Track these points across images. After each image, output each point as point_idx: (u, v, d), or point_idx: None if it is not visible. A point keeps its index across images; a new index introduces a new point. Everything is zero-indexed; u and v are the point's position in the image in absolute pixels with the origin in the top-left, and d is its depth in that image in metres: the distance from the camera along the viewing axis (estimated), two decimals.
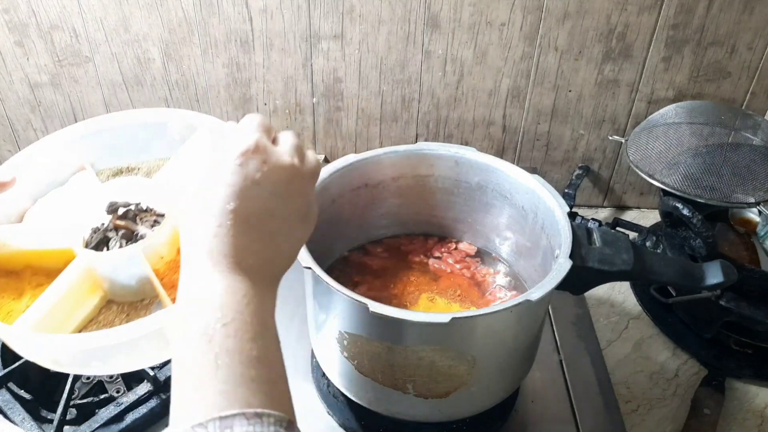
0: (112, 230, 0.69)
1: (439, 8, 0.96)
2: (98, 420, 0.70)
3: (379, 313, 0.55)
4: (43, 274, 0.62)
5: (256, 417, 0.36)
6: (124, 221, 0.70)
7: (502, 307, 0.57)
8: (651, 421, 0.80)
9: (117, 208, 0.73)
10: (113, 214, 0.72)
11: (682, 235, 0.86)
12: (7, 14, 0.98)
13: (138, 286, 0.68)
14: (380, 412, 0.68)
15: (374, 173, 0.77)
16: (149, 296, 0.70)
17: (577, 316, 0.88)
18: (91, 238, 0.64)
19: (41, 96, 1.08)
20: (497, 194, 0.77)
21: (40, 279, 0.62)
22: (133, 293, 0.69)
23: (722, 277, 0.64)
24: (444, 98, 1.06)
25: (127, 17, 0.99)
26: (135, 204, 0.74)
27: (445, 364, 0.61)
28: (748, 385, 0.85)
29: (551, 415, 0.76)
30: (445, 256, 0.82)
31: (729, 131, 0.92)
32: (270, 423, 0.36)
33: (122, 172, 0.74)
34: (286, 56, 1.02)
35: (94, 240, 0.64)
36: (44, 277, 0.62)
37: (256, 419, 0.36)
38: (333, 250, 0.80)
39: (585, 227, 0.67)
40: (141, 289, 0.69)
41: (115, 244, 0.67)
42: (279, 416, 0.37)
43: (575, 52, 1.00)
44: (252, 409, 0.36)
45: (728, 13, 0.95)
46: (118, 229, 0.69)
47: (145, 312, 0.69)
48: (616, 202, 1.17)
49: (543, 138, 1.10)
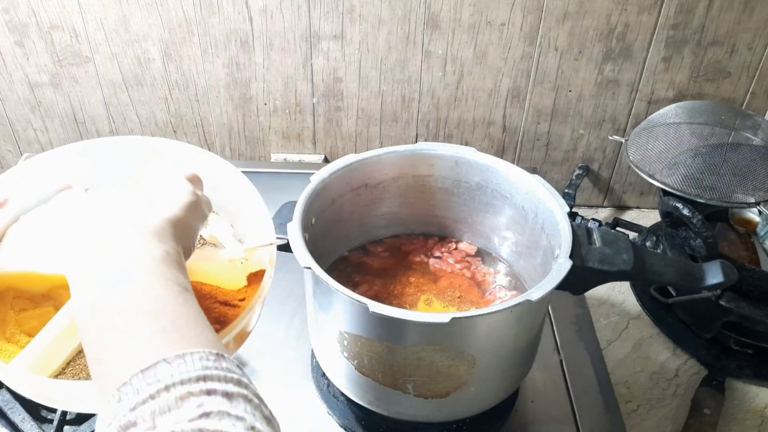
0: None
1: (439, 8, 0.96)
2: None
3: (379, 313, 0.55)
4: (26, 297, 0.60)
5: (177, 359, 0.35)
6: None
7: (502, 307, 0.57)
8: (651, 421, 0.80)
9: None
10: None
11: (682, 235, 0.86)
12: (7, 14, 0.98)
13: None
14: (380, 412, 0.68)
15: (374, 173, 0.77)
16: None
17: (577, 316, 0.88)
18: None
19: (41, 96, 1.08)
20: (497, 194, 0.76)
21: (23, 303, 0.60)
22: None
23: (722, 277, 0.64)
24: (444, 98, 1.06)
25: (127, 17, 0.99)
26: None
27: (445, 364, 0.61)
28: (748, 385, 0.85)
29: (551, 415, 0.76)
30: (446, 256, 0.82)
31: (729, 131, 0.92)
32: (193, 360, 0.35)
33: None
34: (286, 56, 1.02)
35: None
36: (27, 301, 0.60)
37: (178, 360, 0.35)
38: (333, 250, 0.80)
39: (585, 227, 0.67)
40: None
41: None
42: (202, 352, 0.36)
43: (575, 52, 1.00)
44: (171, 354, 0.35)
45: (728, 13, 0.95)
46: None
47: None
48: (616, 202, 1.17)
49: (543, 138, 1.10)
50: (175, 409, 0.33)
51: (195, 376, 0.35)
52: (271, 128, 1.11)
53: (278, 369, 0.78)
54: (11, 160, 1.16)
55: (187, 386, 0.34)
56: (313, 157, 1.14)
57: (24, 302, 0.60)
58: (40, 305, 0.60)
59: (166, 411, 0.33)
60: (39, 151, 1.14)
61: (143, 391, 0.34)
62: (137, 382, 0.34)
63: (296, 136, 1.12)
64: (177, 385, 0.34)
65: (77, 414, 0.73)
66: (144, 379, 0.34)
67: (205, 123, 1.11)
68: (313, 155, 1.14)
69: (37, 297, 0.60)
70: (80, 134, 1.12)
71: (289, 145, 1.13)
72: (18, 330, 0.58)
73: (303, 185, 0.70)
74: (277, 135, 1.12)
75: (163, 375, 0.34)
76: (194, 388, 0.34)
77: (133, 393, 0.34)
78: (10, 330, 0.58)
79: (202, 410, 0.33)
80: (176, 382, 0.34)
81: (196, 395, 0.34)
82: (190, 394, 0.34)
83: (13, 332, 0.58)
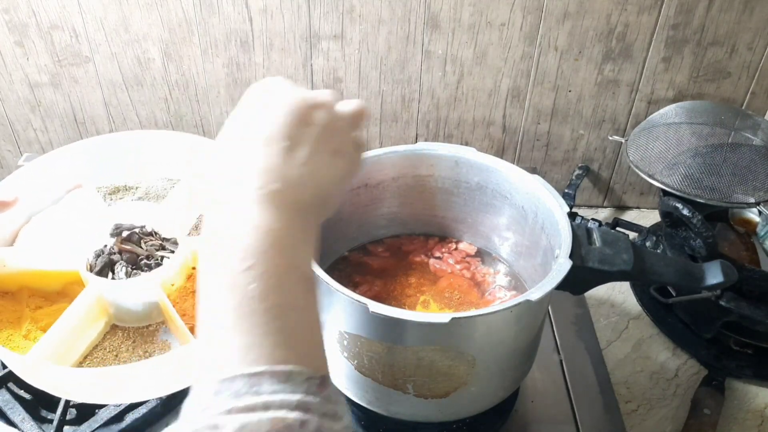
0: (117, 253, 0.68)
1: (439, 8, 0.96)
2: (98, 420, 0.70)
3: (379, 313, 0.56)
4: (40, 295, 0.61)
5: (284, 375, 0.34)
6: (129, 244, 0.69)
7: (502, 307, 0.57)
8: (651, 421, 0.80)
9: (121, 231, 0.72)
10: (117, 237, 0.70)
11: (682, 235, 0.86)
12: (7, 14, 0.98)
13: (144, 311, 0.68)
14: (380, 412, 0.68)
15: (374, 173, 0.77)
16: (155, 321, 0.70)
17: (577, 316, 0.88)
18: (95, 262, 0.63)
19: (41, 96, 1.08)
20: (497, 194, 0.77)
21: (38, 301, 0.60)
22: (139, 318, 0.68)
23: (722, 277, 0.64)
24: (444, 98, 1.06)
25: (127, 17, 0.99)
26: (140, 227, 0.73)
27: (445, 364, 0.61)
28: (748, 385, 0.85)
29: (551, 415, 0.76)
30: (446, 256, 0.82)
31: (729, 131, 0.92)
32: (299, 382, 0.34)
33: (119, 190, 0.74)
34: (286, 56, 1.02)
35: (99, 264, 0.63)
36: (42, 299, 0.61)
37: (284, 377, 0.34)
38: (333, 250, 0.80)
39: (585, 227, 0.67)
40: (147, 314, 0.69)
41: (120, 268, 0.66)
42: (309, 374, 0.34)
43: (575, 52, 1.00)
44: (281, 367, 0.34)
45: (728, 13, 0.95)
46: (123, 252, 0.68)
47: (151, 338, 0.69)
48: (616, 202, 1.17)
49: (543, 138, 1.10)
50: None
51: (296, 401, 0.33)
52: None
53: None
54: (11, 160, 1.16)
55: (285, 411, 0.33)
56: None
57: (39, 300, 0.61)
58: (54, 302, 0.61)
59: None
60: (39, 151, 1.14)
61: (243, 398, 0.33)
62: (239, 384, 0.33)
63: None
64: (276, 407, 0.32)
65: (77, 414, 0.73)
66: (247, 386, 0.33)
67: (205, 123, 1.11)
68: None
69: (51, 294, 0.61)
70: (80, 134, 1.12)
71: None
72: (34, 327, 0.59)
73: None
74: None
75: (267, 389, 0.33)
76: (290, 416, 0.33)
77: (232, 394, 0.33)
78: (26, 327, 0.58)
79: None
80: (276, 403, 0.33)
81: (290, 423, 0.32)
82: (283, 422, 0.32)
83: (29, 329, 0.58)
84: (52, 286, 0.61)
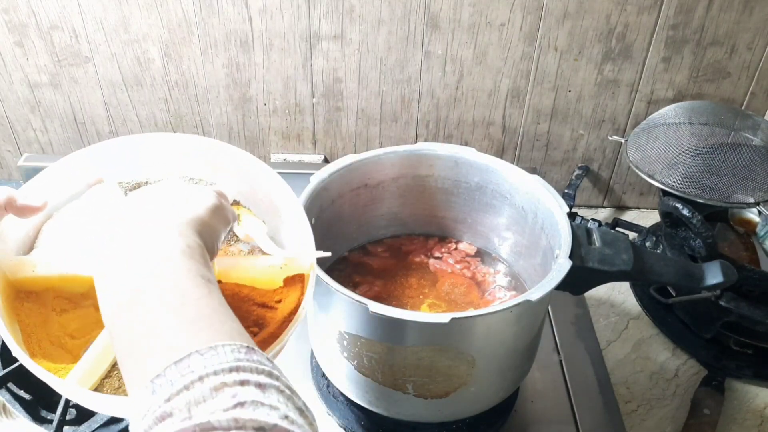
0: None
1: (438, 8, 0.96)
2: (98, 420, 0.70)
3: (379, 314, 0.56)
4: (65, 297, 0.60)
5: (210, 350, 0.36)
6: None
7: (502, 307, 0.57)
8: (651, 421, 0.80)
9: None
10: None
11: (682, 235, 0.86)
12: (7, 14, 0.98)
13: None
14: (380, 413, 0.68)
15: (374, 173, 0.77)
16: None
17: (577, 316, 0.88)
18: None
19: (41, 96, 1.08)
20: (497, 194, 0.77)
21: (63, 303, 0.60)
22: None
23: (722, 277, 0.64)
24: (444, 98, 1.06)
25: (126, 17, 0.99)
26: None
27: (445, 364, 0.61)
28: (748, 385, 0.85)
29: (551, 415, 0.76)
30: (446, 256, 0.82)
31: (729, 131, 0.92)
32: (226, 353, 0.36)
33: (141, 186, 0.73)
34: (286, 56, 1.02)
35: None
36: (67, 301, 0.60)
37: (210, 352, 0.35)
38: (333, 250, 0.80)
39: (585, 227, 0.67)
40: None
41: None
42: (233, 344, 0.37)
43: (575, 52, 1.00)
44: (204, 346, 0.36)
45: (728, 13, 0.95)
46: None
47: None
48: (615, 203, 1.17)
49: (543, 138, 1.10)
50: (210, 399, 0.33)
51: (228, 367, 0.35)
52: (270, 128, 1.11)
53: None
54: (11, 161, 1.16)
55: (220, 377, 0.34)
56: (312, 158, 1.14)
57: (64, 302, 0.60)
58: (79, 305, 0.60)
59: (201, 401, 0.33)
60: (39, 151, 1.14)
61: (177, 382, 0.34)
62: (171, 374, 0.35)
63: (296, 136, 1.12)
64: (210, 375, 0.34)
65: (77, 414, 0.73)
66: (178, 371, 0.35)
67: (204, 123, 1.11)
68: (312, 155, 1.14)
69: (76, 297, 0.60)
70: (80, 134, 1.12)
71: (289, 145, 1.13)
72: (62, 333, 0.58)
73: (303, 185, 0.70)
74: (276, 135, 1.12)
75: (197, 366, 0.35)
76: (228, 378, 0.34)
77: (167, 384, 0.34)
78: (54, 333, 0.58)
79: (236, 400, 0.33)
80: (210, 373, 0.34)
81: (230, 386, 0.34)
82: (224, 385, 0.34)
83: (58, 335, 0.58)
84: (77, 288, 0.61)
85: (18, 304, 0.58)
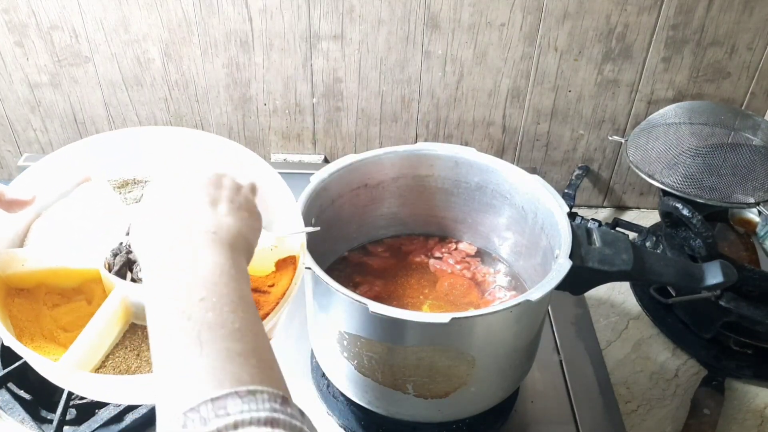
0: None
1: (439, 8, 0.96)
2: (98, 420, 0.70)
3: (379, 314, 0.56)
4: (57, 293, 0.60)
5: (249, 395, 0.34)
6: None
7: (502, 307, 0.57)
8: (651, 421, 0.80)
9: None
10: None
11: (682, 235, 0.86)
12: (7, 14, 0.98)
13: None
14: (380, 413, 0.68)
15: (374, 173, 0.77)
16: None
17: (577, 316, 0.88)
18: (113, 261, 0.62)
19: (41, 96, 1.08)
20: (497, 194, 0.77)
21: (55, 298, 0.60)
22: None
23: (722, 277, 0.64)
24: (444, 98, 1.06)
25: (126, 17, 0.99)
26: None
27: (445, 364, 0.61)
28: (748, 385, 0.85)
29: (551, 415, 0.76)
30: (446, 256, 0.82)
31: (729, 131, 0.92)
32: (264, 400, 0.35)
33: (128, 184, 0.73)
34: (286, 56, 1.02)
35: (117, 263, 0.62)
36: (59, 296, 0.60)
37: (249, 397, 0.34)
38: (333, 250, 0.80)
39: (585, 227, 0.67)
40: None
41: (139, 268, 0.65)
42: (272, 392, 0.35)
43: (575, 52, 1.00)
44: (244, 387, 0.35)
45: (728, 13, 0.95)
46: None
47: None
48: (616, 202, 1.17)
49: (543, 138, 1.10)
50: None
51: (264, 417, 0.34)
52: (270, 128, 1.11)
53: None
54: (11, 160, 1.16)
55: (255, 427, 0.33)
56: (312, 158, 1.14)
57: (56, 297, 0.60)
58: (72, 299, 0.61)
59: None
60: (39, 151, 1.14)
61: (211, 423, 0.33)
62: (205, 411, 0.33)
63: (296, 136, 1.12)
64: (246, 424, 0.33)
65: (77, 414, 0.73)
66: (213, 410, 0.33)
67: (204, 123, 1.11)
68: (312, 155, 1.14)
69: (68, 291, 0.60)
70: (80, 134, 1.12)
71: (289, 145, 1.13)
72: (55, 326, 0.58)
73: (303, 185, 0.70)
74: (276, 135, 1.12)
75: (233, 409, 0.33)
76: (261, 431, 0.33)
77: (199, 422, 0.33)
78: (47, 327, 0.58)
79: None
80: (245, 421, 0.33)
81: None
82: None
83: (50, 329, 0.58)
84: (69, 283, 0.61)
85: (10, 300, 0.59)
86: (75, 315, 0.59)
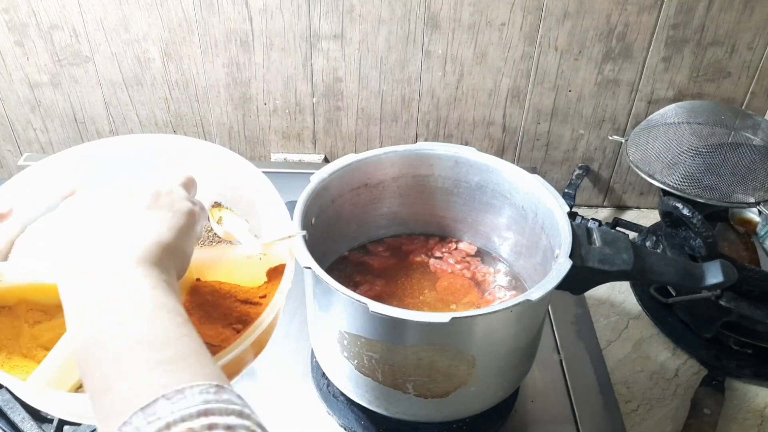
0: None
1: (439, 8, 0.96)
2: None
3: (379, 313, 0.55)
4: (39, 309, 0.58)
5: (177, 394, 0.35)
6: None
7: (502, 307, 0.57)
8: (651, 421, 0.80)
9: None
10: None
11: (682, 235, 0.86)
12: (7, 14, 0.98)
13: None
14: (380, 412, 0.68)
15: (374, 173, 0.77)
16: None
17: (577, 316, 0.88)
18: None
19: (41, 96, 1.08)
20: (497, 194, 0.77)
21: (36, 315, 0.58)
22: None
23: (722, 277, 0.64)
24: (444, 98, 1.06)
25: (127, 17, 0.99)
26: None
27: (445, 364, 0.61)
28: (748, 385, 0.85)
29: (551, 415, 0.76)
30: (446, 256, 0.82)
31: (729, 131, 0.92)
32: (194, 395, 0.35)
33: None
34: (286, 56, 1.02)
35: None
36: (40, 312, 0.58)
37: (177, 396, 0.35)
38: (333, 249, 0.80)
39: (585, 227, 0.67)
40: None
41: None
42: (203, 385, 0.36)
43: (575, 52, 1.00)
44: (171, 389, 0.35)
45: (728, 13, 0.95)
46: None
47: None
48: (616, 202, 1.17)
49: (543, 138, 1.10)
50: None
51: (196, 411, 0.34)
52: (271, 128, 1.11)
53: (278, 369, 0.78)
54: (11, 160, 1.16)
55: (188, 423, 0.34)
56: (313, 157, 1.14)
57: (38, 314, 0.58)
58: (54, 317, 0.59)
59: None
60: (39, 151, 1.15)
61: (144, 430, 0.33)
62: (137, 421, 0.34)
63: (296, 136, 1.12)
64: (178, 422, 0.34)
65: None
66: (144, 418, 0.34)
67: (205, 123, 1.11)
68: (313, 155, 1.14)
69: (50, 308, 0.58)
70: (80, 134, 1.12)
71: (289, 145, 1.13)
72: (34, 344, 0.57)
73: (303, 185, 0.70)
74: (277, 135, 1.12)
75: (163, 412, 0.34)
76: (195, 424, 0.34)
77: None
78: (26, 345, 0.56)
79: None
80: (177, 420, 0.34)
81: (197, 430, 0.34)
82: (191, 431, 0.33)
83: (29, 347, 0.56)
84: (51, 300, 0.59)
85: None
86: (56, 332, 0.56)
